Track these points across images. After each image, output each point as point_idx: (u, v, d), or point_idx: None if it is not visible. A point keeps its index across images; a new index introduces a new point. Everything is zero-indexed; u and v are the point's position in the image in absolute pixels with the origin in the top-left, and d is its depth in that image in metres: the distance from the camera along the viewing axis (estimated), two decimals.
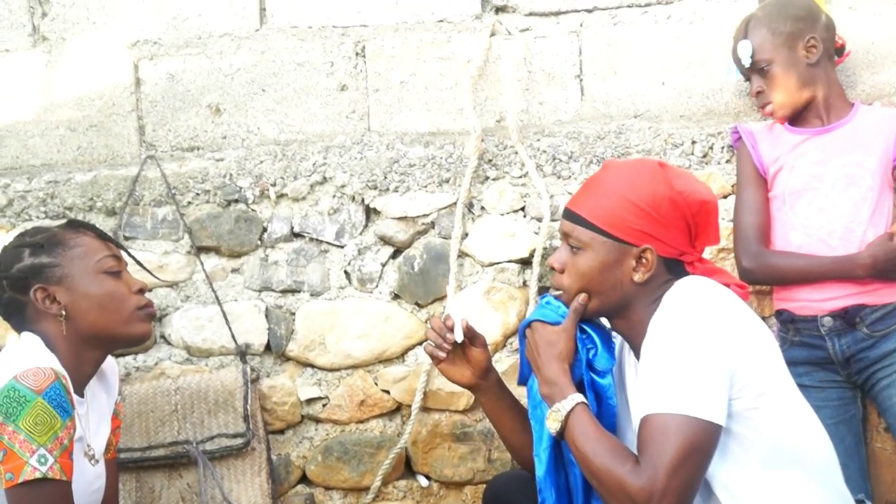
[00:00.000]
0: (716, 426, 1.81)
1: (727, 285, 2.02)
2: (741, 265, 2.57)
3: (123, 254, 2.28)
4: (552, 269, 2.09)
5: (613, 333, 2.14)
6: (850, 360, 2.50)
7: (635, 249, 1.99)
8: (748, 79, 2.64)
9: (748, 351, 1.88)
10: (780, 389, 1.93)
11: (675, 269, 2.03)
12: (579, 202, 2.07)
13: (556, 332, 2.06)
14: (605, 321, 2.15)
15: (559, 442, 2.04)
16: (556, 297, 2.10)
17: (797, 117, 2.62)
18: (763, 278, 2.60)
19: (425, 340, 2.29)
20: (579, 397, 1.97)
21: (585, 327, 2.08)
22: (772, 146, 2.60)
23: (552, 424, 1.98)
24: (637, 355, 2.04)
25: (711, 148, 2.79)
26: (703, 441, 1.80)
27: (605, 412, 2.05)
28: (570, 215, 2.06)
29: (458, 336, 2.21)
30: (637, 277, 2.00)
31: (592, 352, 2.06)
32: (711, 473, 1.88)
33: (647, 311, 1.97)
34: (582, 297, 2.03)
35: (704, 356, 1.83)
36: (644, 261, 2.00)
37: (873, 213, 2.51)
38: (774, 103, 2.59)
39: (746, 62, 2.58)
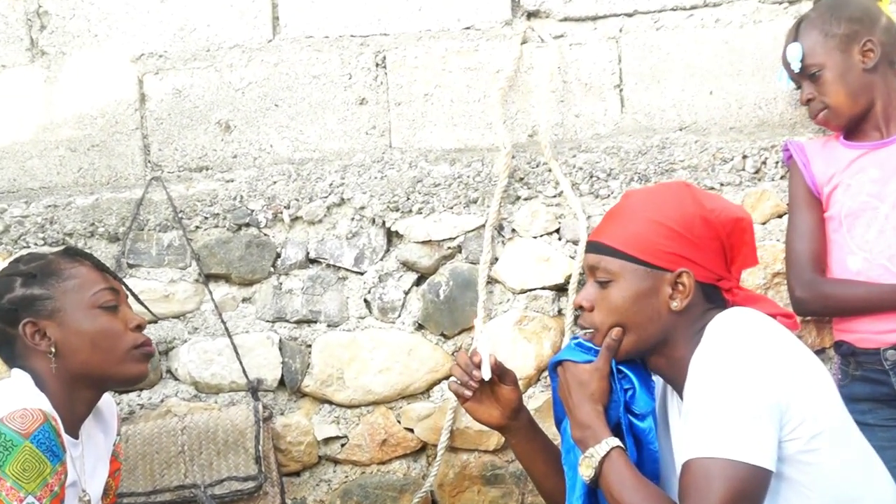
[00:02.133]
0: (764, 471, 1.74)
1: (773, 315, 1.95)
2: (794, 295, 2.48)
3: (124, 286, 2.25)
4: (580, 308, 2.02)
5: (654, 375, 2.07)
6: None
7: (670, 275, 1.94)
8: (799, 85, 2.54)
9: (799, 388, 1.81)
10: (838, 429, 1.86)
11: (713, 297, 1.97)
12: (604, 232, 2.02)
13: (587, 370, 1.99)
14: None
15: (595, 490, 1.95)
16: (587, 339, 2.02)
17: (854, 129, 2.51)
18: (818, 309, 2.52)
19: (451, 376, 2.21)
20: (615, 441, 1.91)
21: (622, 367, 2.00)
22: (825, 163, 2.50)
23: (585, 471, 1.91)
24: (681, 395, 1.96)
25: (764, 163, 2.71)
26: (751, 487, 1.74)
27: (647, 458, 1.98)
28: (594, 247, 2.02)
29: (486, 373, 2.11)
30: (675, 305, 1.93)
31: (630, 392, 1.99)
32: None
33: (689, 347, 1.91)
34: (616, 331, 1.96)
35: (750, 395, 1.77)
36: (681, 287, 1.94)
37: None
38: (828, 112, 2.48)
39: (796, 67, 2.47)
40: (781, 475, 1.79)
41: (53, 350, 2.07)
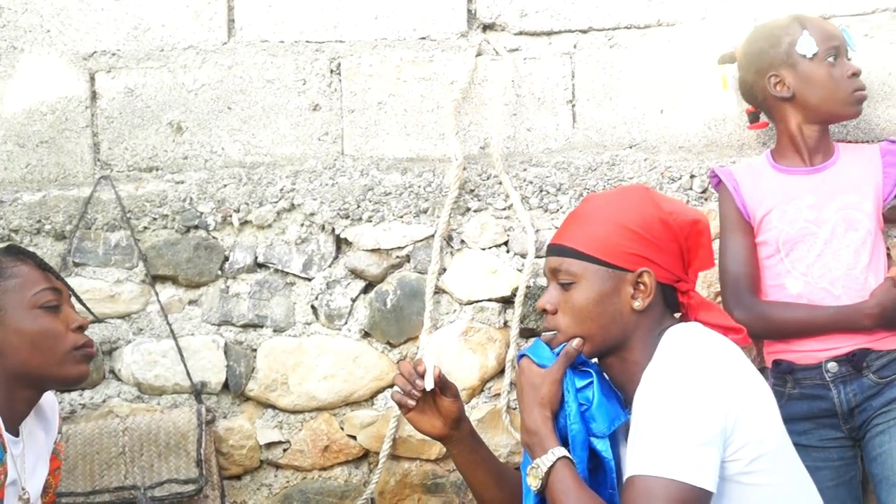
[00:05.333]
0: (705, 492, 1.76)
1: (724, 327, 1.99)
2: (732, 317, 2.43)
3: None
4: (544, 311, 2.03)
5: None
6: (854, 412, 2.42)
7: (631, 275, 1.97)
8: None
9: (745, 412, 1.82)
10: (777, 452, 1.88)
11: (671, 300, 2.01)
12: (565, 234, 2.04)
13: (540, 374, 1.99)
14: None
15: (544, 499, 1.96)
16: (548, 342, 2.02)
17: (781, 153, 2.56)
18: (759, 331, 2.50)
19: (395, 385, 2.22)
20: (561, 451, 1.91)
21: (593, 381, 1.98)
22: (755, 188, 2.52)
23: (532, 481, 1.92)
24: (628, 401, 1.96)
25: None
26: None
27: (605, 466, 1.97)
28: (556, 250, 2.03)
29: (429, 384, 2.11)
30: (637, 305, 1.96)
31: (585, 408, 1.97)
32: None
33: (644, 353, 1.93)
34: (577, 342, 1.97)
35: (698, 416, 1.78)
36: (642, 286, 1.96)
37: (871, 257, 2.46)
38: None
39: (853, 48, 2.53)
40: (721, 494, 1.79)
41: None
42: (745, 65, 2.57)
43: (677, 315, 2.04)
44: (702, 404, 1.78)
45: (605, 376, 2.04)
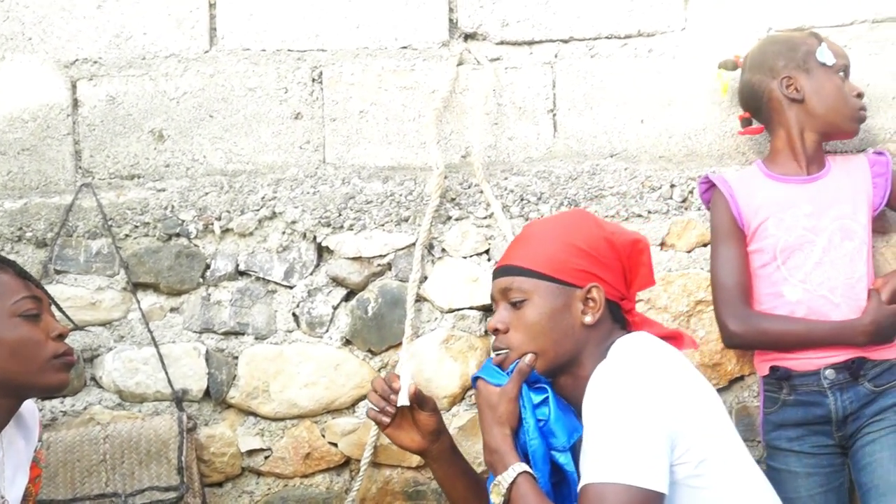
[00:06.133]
0: (657, 494, 1.79)
1: (664, 336, 2.04)
2: (728, 329, 2.51)
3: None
4: (495, 331, 2.06)
5: None
6: (847, 419, 2.45)
7: (581, 291, 2.02)
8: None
9: (690, 414, 1.87)
10: (726, 456, 1.92)
11: (617, 316, 2.06)
12: (514, 255, 2.09)
13: (496, 393, 2.03)
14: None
15: None
16: (498, 363, 2.05)
17: (774, 161, 2.59)
18: (752, 342, 2.54)
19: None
20: (521, 467, 1.96)
21: (548, 396, 2.02)
22: (750, 196, 2.54)
23: (496, 498, 1.96)
24: (578, 416, 2.00)
25: (692, 192, 2.75)
26: None
27: (568, 479, 2.01)
28: (505, 270, 2.08)
29: (403, 400, 2.13)
30: (588, 319, 2.01)
31: (543, 423, 2.01)
32: None
33: (594, 367, 1.94)
34: (529, 357, 2.01)
35: (644, 421, 1.82)
36: (592, 302, 2.02)
37: (866, 267, 2.50)
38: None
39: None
40: (671, 499, 1.82)
41: None
42: (755, 66, 2.58)
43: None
44: (646, 409, 1.81)
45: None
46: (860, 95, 2.53)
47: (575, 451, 1.98)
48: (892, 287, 2.46)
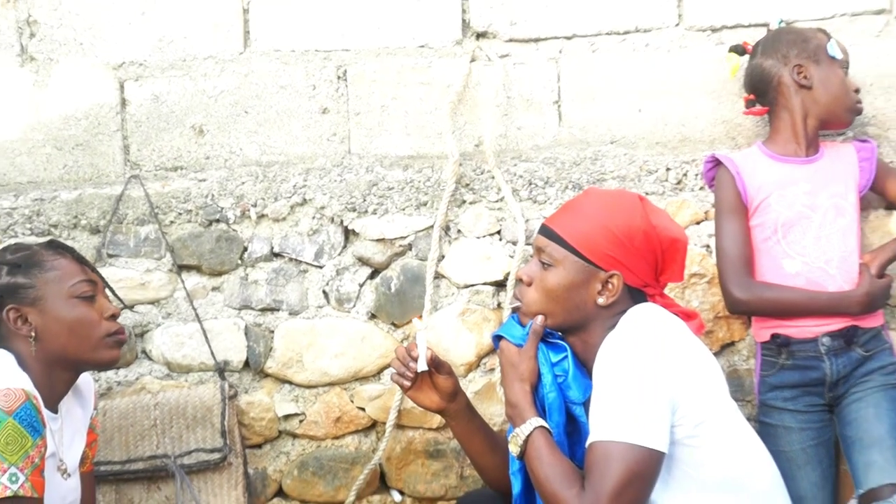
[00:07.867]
0: (658, 453, 1.87)
1: (683, 315, 2.08)
2: (732, 296, 2.57)
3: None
4: (520, 280, 2.14)
5: None
6: (839, 382, 2.54)
7: (603, 274, 2.06)
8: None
9: (690, 380, 1.93)
10: (721, 419, 1.98)
11: (637, 299, 2.09)
12: (557, 221, 2.13)
13: (517, 353, 2.12)
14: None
15: None
16: (516, 316, 2.15)
17: (776, 140, 2.66)
18: (756, 310, 2.61)
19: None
20: (538, 421, 2.03)
21: (567, 355, 2.11)
22: (753, 174, 2.61)
23: (514, 448, 2.04)
24: (590, 375, 2.07)
25: (685, 175, 2.81)
26: (645, 468, 1.86)
27: (581, 429, 2.09)
28: (546, 231, 2.13)
29: (422, 366, 2.22)
30: (601, 301, 2.07)
31: (562, 379, 2.10)
32: (654, 499, 1.93)
33: (602, 335, 2.02)
34: (539, 319, 2.09)
35: (648, 384, 1.88)
36: (610, 286, 2.06)
37: (857, 242, 2.59)
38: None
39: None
40: (671, 456, 1.91)
41: (34, 335, 2.15)
42: (768, 51, 2.63)
43: None
44: (651, 372, 1.88)
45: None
46: (857, 90, 2.62)
47: (587, 405, 2.05)
48: (881, 262, 2.56)
